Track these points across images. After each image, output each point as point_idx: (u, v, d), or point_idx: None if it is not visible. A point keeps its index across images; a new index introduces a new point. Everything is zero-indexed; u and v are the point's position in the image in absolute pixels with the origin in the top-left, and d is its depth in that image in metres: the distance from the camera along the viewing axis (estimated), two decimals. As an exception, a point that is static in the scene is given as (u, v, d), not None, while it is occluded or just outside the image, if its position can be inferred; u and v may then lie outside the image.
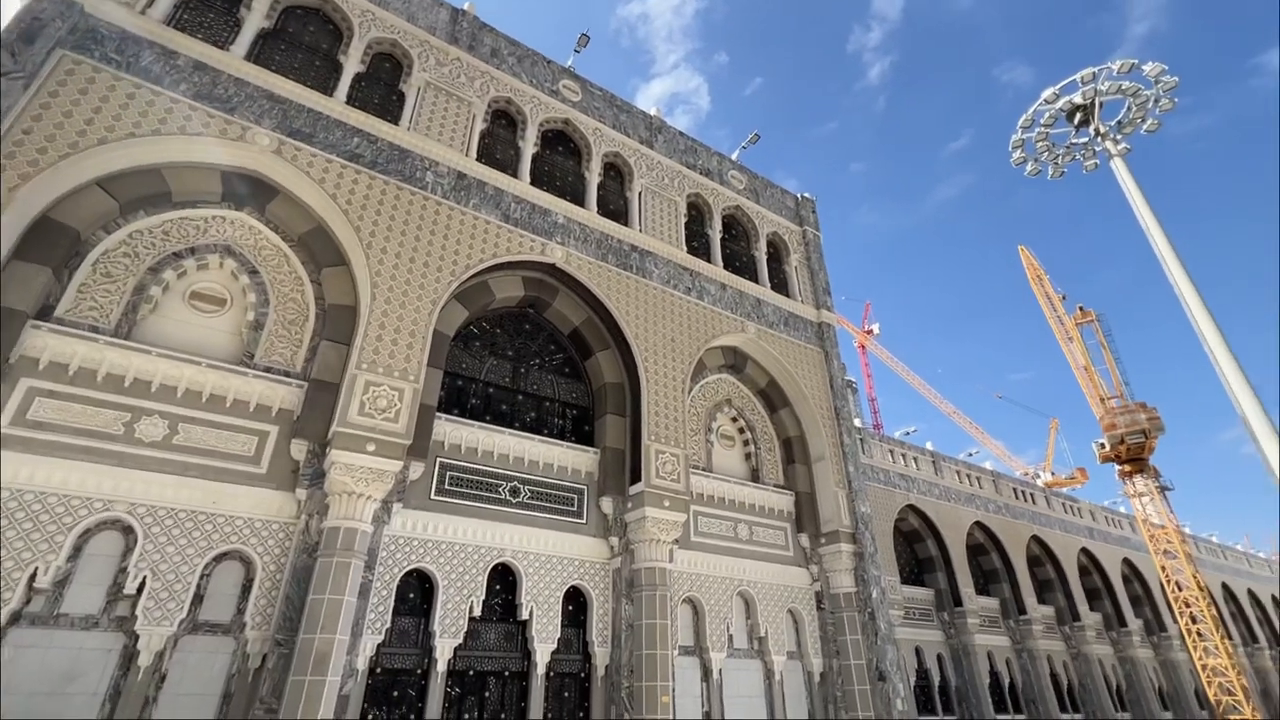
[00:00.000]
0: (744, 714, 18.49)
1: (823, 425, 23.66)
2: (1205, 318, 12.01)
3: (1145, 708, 43.11)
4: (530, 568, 16.37)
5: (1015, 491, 45.22)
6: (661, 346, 20.18)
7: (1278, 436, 10.77)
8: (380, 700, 13.77)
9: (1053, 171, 16.33)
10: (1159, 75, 14.48)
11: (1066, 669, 40.86)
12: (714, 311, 22.67)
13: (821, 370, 25.18)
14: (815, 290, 27.61)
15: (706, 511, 20.55)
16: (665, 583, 16.83)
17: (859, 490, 23.00)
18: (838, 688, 19.93)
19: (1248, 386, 11.29)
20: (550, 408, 19.80)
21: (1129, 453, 46.62)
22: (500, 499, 16.75)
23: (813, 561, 21.87)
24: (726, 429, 23.37)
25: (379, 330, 14.74)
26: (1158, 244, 12.97)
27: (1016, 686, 37.62)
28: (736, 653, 19.27)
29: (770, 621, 19.97)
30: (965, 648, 35.57)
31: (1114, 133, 14.82)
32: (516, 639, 15.96)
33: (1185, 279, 12.53)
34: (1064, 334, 50.06)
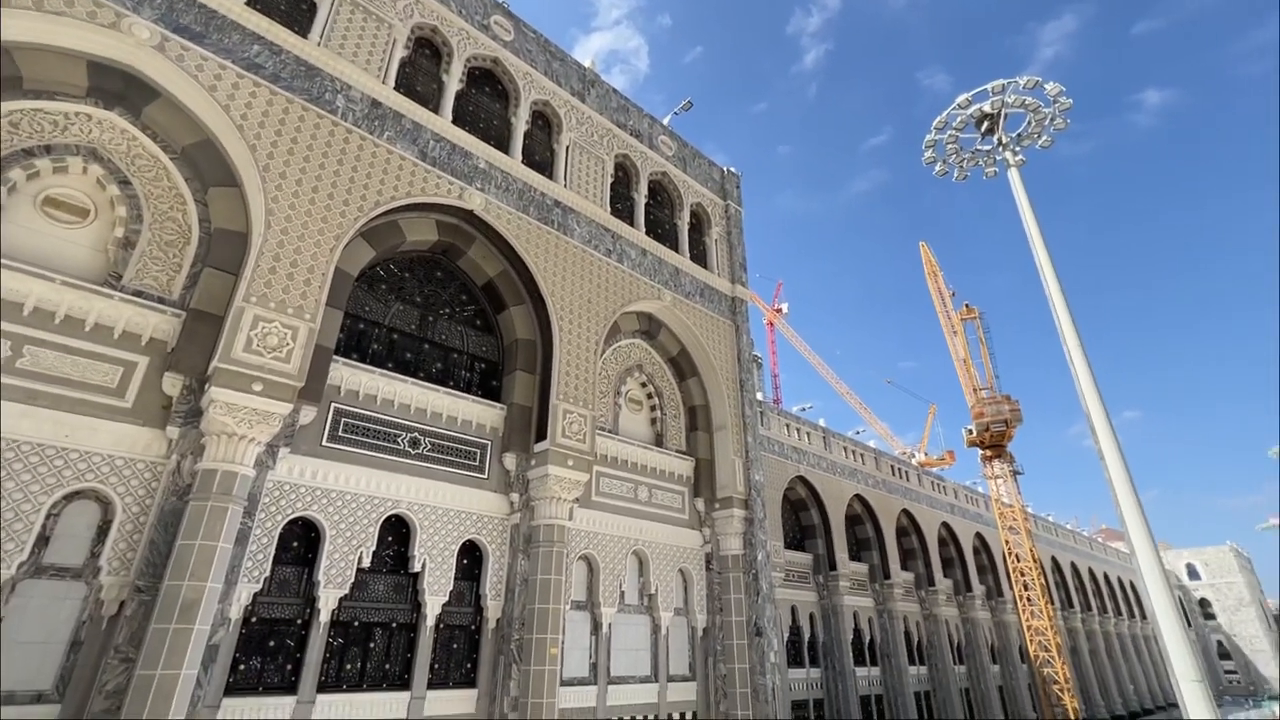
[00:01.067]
0: (630, 665, 19.30)
1: (727, 396, 24.51)
2: (1068, 322, 13.42)
3: (978, 661, 49.06)
4: (426, 520, 16.05)
5: (892, 469, 49.19)
6: (577, 306, 20.01)
7: (1113, 433, 12.33)
8: (255, 650, 13.18)
9: (958, 174, 17.42)
10: (1057, 95, 15.71)
11: (919, 628, 45.60)
12: (633, 276, 22.68)
13: (731, 343, 25.96)
14: (732, 265, 28.22)
15: (609, 473, 20.89)
16: (563, 540, 17.06)
17: (755, 460, 24.16)
18: (719, 641, 21.19)
19: (1094, 387, 12.79)
20: (458, 360, 19.22)
21: (991, 439, 51.85)
22: (399, 450, 16.20)
23: (706, 525, 22.88)
24: (635, 394, 23.69)
25: (273, 262, 13.61)
26: (1038, 252, 14.26)
27: (875, 642, 41.60)
28: (627, 608, 19.96)
29: (661, 580, 20.80)
30: (835, 608, 38.78)
31: (1013, 144, 16.00)
32: (407, 591, 15.70)
33: (1056, 285, 13.90)
34: (949, 327, 54.32)
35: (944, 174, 17.66)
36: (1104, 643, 71.48)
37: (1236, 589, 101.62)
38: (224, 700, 12.22)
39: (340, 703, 13.67)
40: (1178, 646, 10.56)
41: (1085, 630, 67.40)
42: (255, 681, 13.01)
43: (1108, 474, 12.00)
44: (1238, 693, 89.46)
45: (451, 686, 15.61)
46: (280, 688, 13.17)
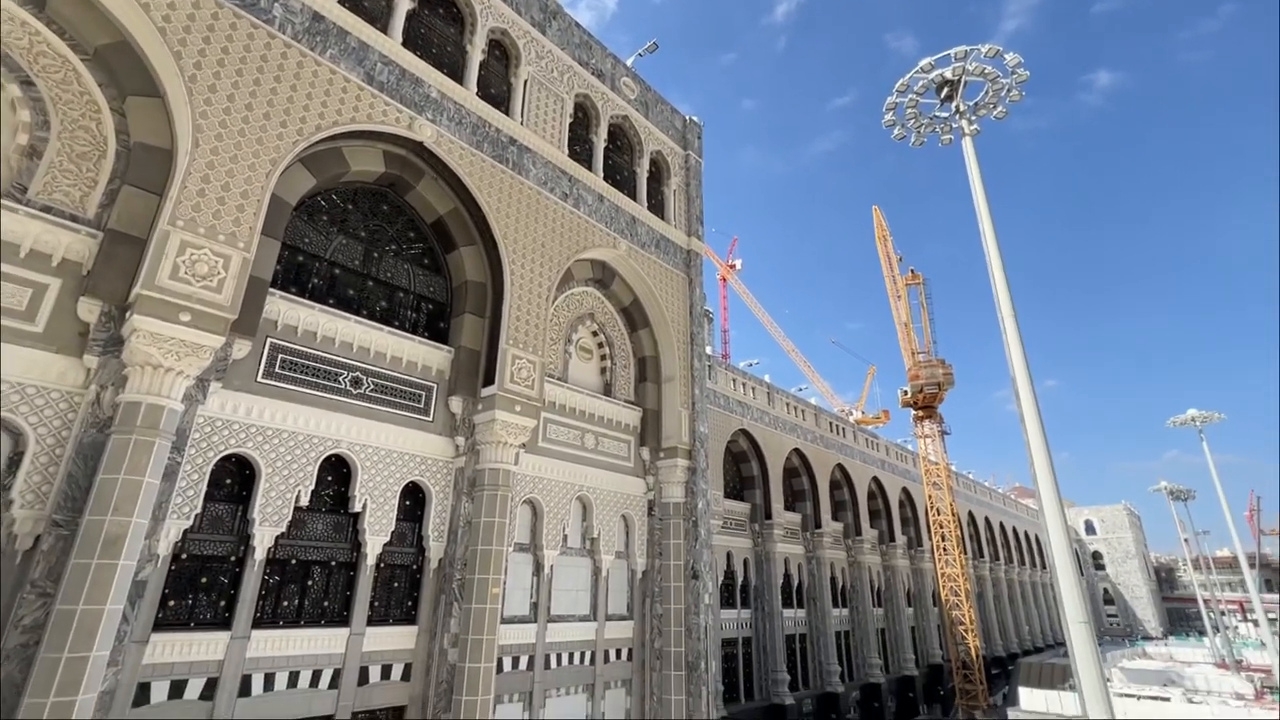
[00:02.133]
0: (570, 605, 19.90)
1: (678, 349, 24.74)
2: (1004, 292, 14.02)
3: (895, 604, 52.85)
4: (368, 461, 15.81)
5: (831, 425, 51.22)
6: (531, 250, 19.56)
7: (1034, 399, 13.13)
8: (186, 587, 12.90)
9: (915, 139, 17.60)
10: (1016, 66, 15.92)
11: (844, 573, 48.59)
12: (588, 223, 22.25)
13: (684, 296, 26.04)
14: (689, 217, 28.03)
15: (557, 419, 20.97)
16: (508, 484, 17.16)
17: (701, 412, 24.67)
18: (656, 583, 22.03)
19: (1023, 356, 13.52)
20: (404, 299, 18.62)
21: (924, 400, 54.47)
22: (340, 389, 15.75)
23: (650, 473, 23.40)
24: (586, 342, 23.62)
25: (202, 184, 12.67)
26: (982, 221, 14.71)
27: (803, 587, 44.18)
28: (569, 551, 20.43)
29: (604, 524, 21.30)
30: (768, 554, 40.80)
31: (970, 113, 16.21)
32: (347, 530, 15.57)
33: (996, 256, 14.44)
34: (894, 292, 55.94)
35: (902, 138, 17.80)
36: (1007, 589, 78.06)
37: (1125, 543, 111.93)
38: (153, 636, 11.99)
39: (277, 638, 13.63)
40: (1071, 592, 11.61)
41: (991, 578, 73.35)
42: (187, 617, 12.79)
43: (1026, 437, 12.82)
44: (1117, 634, 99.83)
45: (392, 623, 15.76)
46: (214, 624, 13.00)
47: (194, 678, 12.41)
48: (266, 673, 13.38)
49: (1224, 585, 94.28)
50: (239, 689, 12.87)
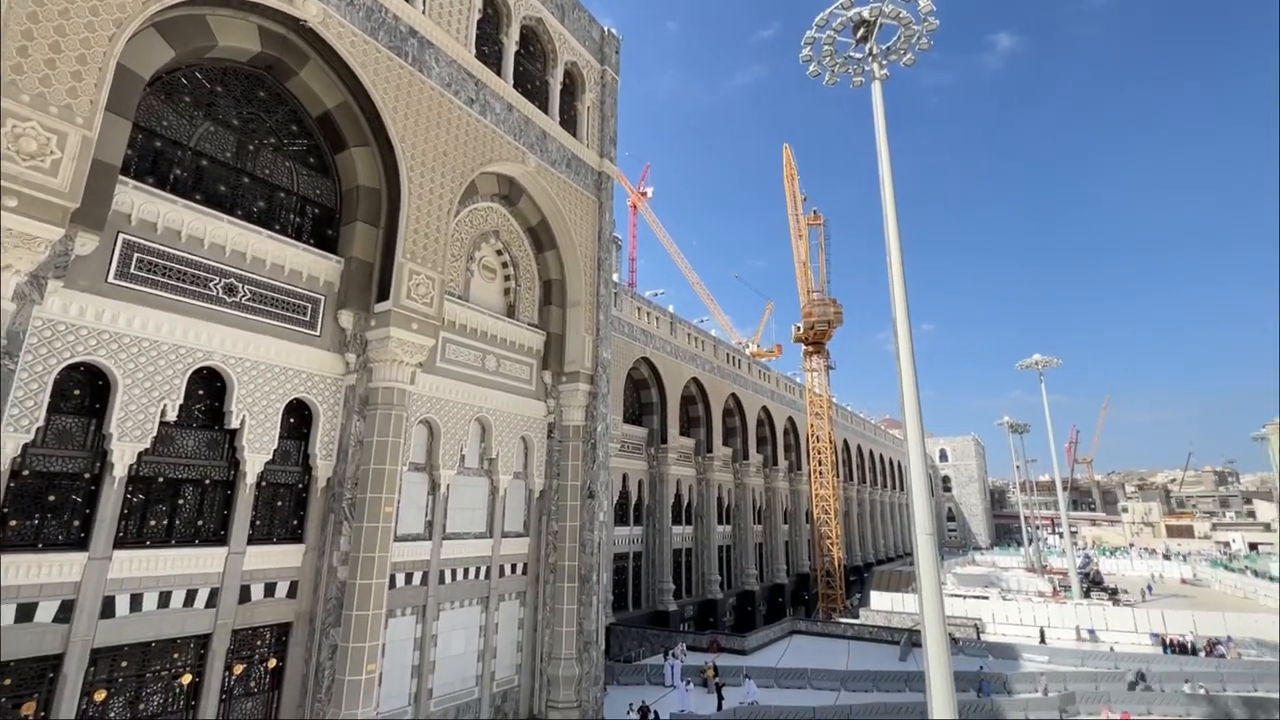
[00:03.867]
0: (466, 524, 20.09)
1: (584, 273, 24.45)
2: (895, 237, 14.90)
3: (773, 521, 57.72)
4: (246, 375, 14.72)
5: (728, 357, 53.38)
6: (432, 158, 18.24)
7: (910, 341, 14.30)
8: (30, 506, 11.71)
9: (829, 78, 17.77)
10: (928, 14, 16.28)
11: (730, 494, 52.17)
12: (496, 133, 20.97)
13: (593, 220, 25.52)
14: (603, 138, 27.09)
15: (457, 340, 20.37)
16: (403, 403, 16.66)
17: (605, 338, 24.82)
18: (553, 502, 22.64)
19: (904, 300, 14.58)
20: (286, 201, 16.93)
21: (815, 337, 57.82)
22: (211, 296, 14.33)
23: (551, 396, 23.52)
24: (490, 261, 22.78)
25: (23, 40, 10.60)
26: (882, 167, 15.36)
27: (693, 506, 47.11)
28: (467, 471, 20.41)
29: (503, 445, 21.36)
30: (662, 476, 42.87)
31: (882, 56, 16.53)
32: (222, 447, 14.62)
33: (891, 201, 15.22)
34: (796, 231, 57.78)
35: (817, 75, 17.92)
36: (870, 508, 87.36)
37: (970, 470, 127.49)
38: (-8, 557, 10.89)
39: (144, 559, 12.82)
40: (921, 511, 13.19)
41: (858, 498, 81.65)
42: (33, 537, 11.69)
43: (900, 374, 14.04)
44: (955, 545, 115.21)
45: (276, 542, 15.26)
46: (67, 544, 11.98)
47: (45, 600, 11.51)
48: (133, 593, 12.65)
49: (1042, 505, 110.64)
50: (101, 610, 12.11)
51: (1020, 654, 33.16)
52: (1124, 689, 26.49)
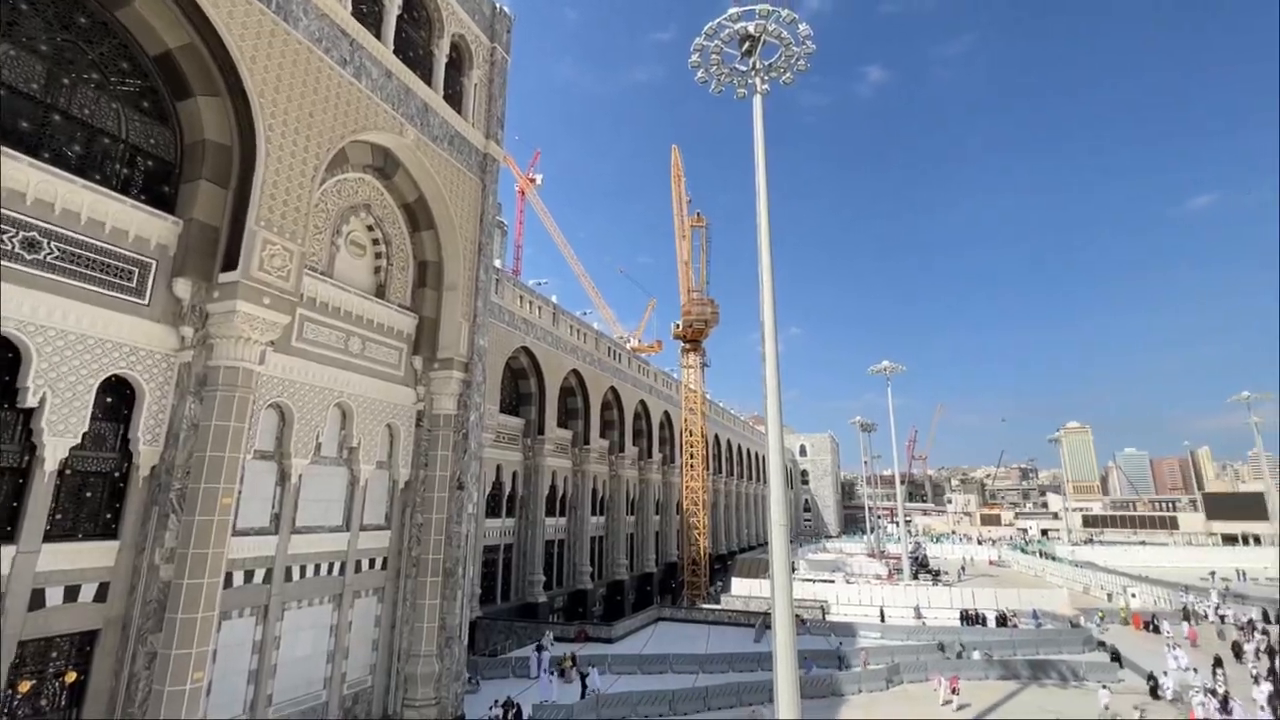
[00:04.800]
0: (321, 516, 18.69)
1: (464, 257, 23.55)
2: (766, 244, 15.81)
3: (645, 512, 59.20)
4: (49, 346, 12.65)
5: (609, 350, 53.88)
6: (296, 117, 16.66)
7: (775, 342, 15.26)
8: None
9: (715, 86, 18.46)
10: (806, 37, 17.40)
11: (605, 485, 52.79)
12: (371, 100, 19.57)
13: (476, 202, 24.64)
14: (489, 118, 26.20)
15: (318, 318, 18.84)
16: (249, 385, 15.11)
17: (482, 325, 24.10)
18: (420, 494, 21.66)
19: (772, 304, 15.52)
20: (111, 148, 14.72)
21: (693, 335, 59.89)
22: (4, 251, 12.15)
23: (422, 383, 22.46)
24: (359, 236, 21.28)
25: None
26: (758, 177, 16.22)
27: (567, 497, 47.14)
28: (323, 460, 18.98)
29: (366, 433, 20.10)
30: (537, 467, 42.46)
31: (764, 71, 17.44)
32: (14, 429, 12.48)
33: (765, 211, 16.12)
34: (680, 231, 59.43)
35: (704, 81, 18.54)
36: (737, 500, 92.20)
37: (825, 464, 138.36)
38: None
39: (-103, 560, 10.65)
40: (777, 502, 14.15)
41: (726, 490, 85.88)
42: None
43: (765, 373, 14.93)
44: (809, 534, 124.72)
45: (82, 538, 13.28)
46: None
47: None
48: (-120, 602, 10.47)
49: (885, 496, 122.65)
50: None
51: (858, 631, 36.61)
52: (940, 658, 30.11)
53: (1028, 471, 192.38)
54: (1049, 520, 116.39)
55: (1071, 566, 65.17)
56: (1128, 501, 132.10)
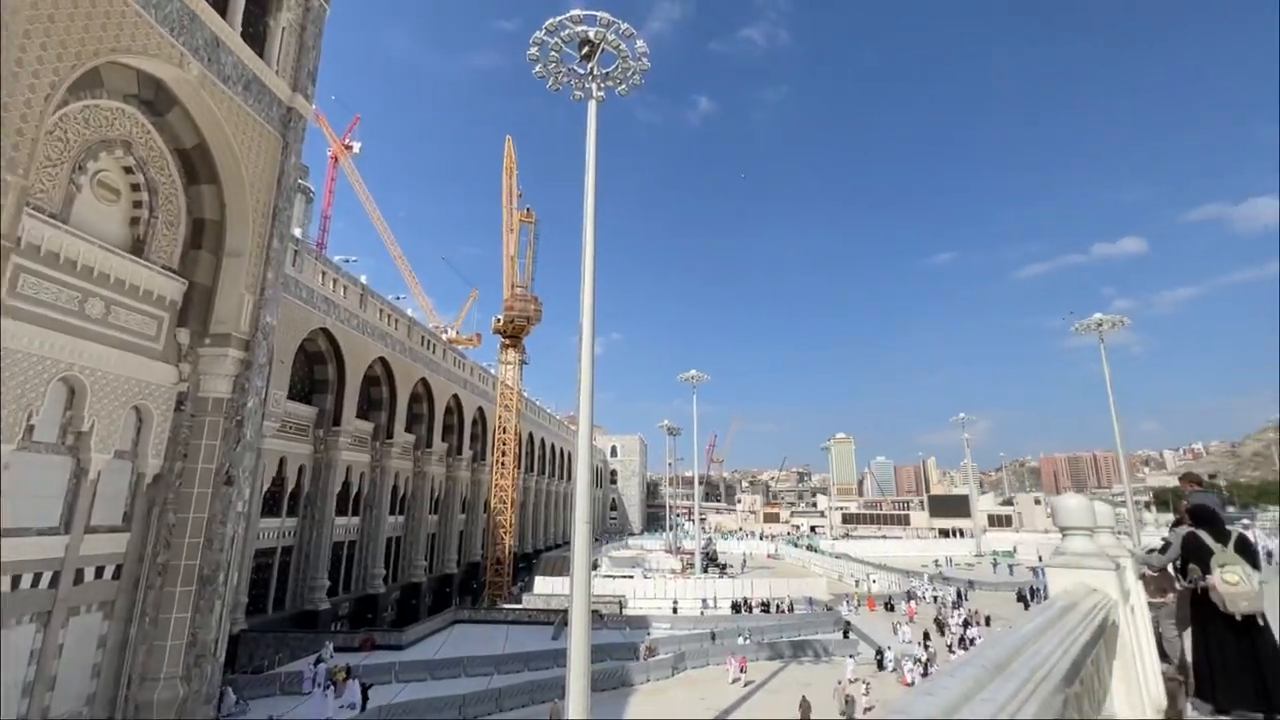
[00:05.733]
0: (29, 516, 15.11)
1: (254, 220, 20.68)
2: (590, 247, 16.11)
3: (450, 511, 56.81)
4: None
5: (423, 339, 50.89)
6: (29, 17, 13.34)
7: (592, 345, 15.60)
8: None
9: (552, 83, 18.40)
10: (642, 55, 18.10)
11: (408, 483, 49.63)
12: (141, 18, 16.37)
13: (274, 160, 21.79)
14: (300, 69, 23.36)
15: (42, 271, 15.26)
16: (-73, 347, 11.75)
17: (272, 300, 21.36)
18: (174, 489, 18.49)
19: (592, 306, 15.85)
20: None
21: (513, 330, 58.80)
22: None
23: (187, 360, 19.26)
24: (112, 178, 17.67)
25: None
26: (588, 181, 16.48)
27: (363, 495, 43.44)
28: (35, 447, 15.39)
29: (103, 415, 16.69)
30: (330, 461, 38.56)
31: (601, 79, 17.79)
32: None
33: (591, 214, 16.42)
34: (509, 224, 58.20)
35: (542, 77, 18.40)
36: (547, 498, 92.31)
37: (634, 465, 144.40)
38: None
39: None
40: (581, 500, 14.45)
41: (537, 488, 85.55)
42: None
43: (579, 374, 15.19)
44: (615, 531, 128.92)
45: None
46: None
47: None
48: None
49: (684, 496, 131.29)
50: None
51: (651, 624, 38.65)
52: (716, 645, 32.90)
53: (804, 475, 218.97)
54: (817, 518, 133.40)
55: (831, 558, 75.32)
56: (877, 502, 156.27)
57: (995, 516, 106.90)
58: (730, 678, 27.71)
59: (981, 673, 1.67)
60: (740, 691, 26.40)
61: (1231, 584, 5.02)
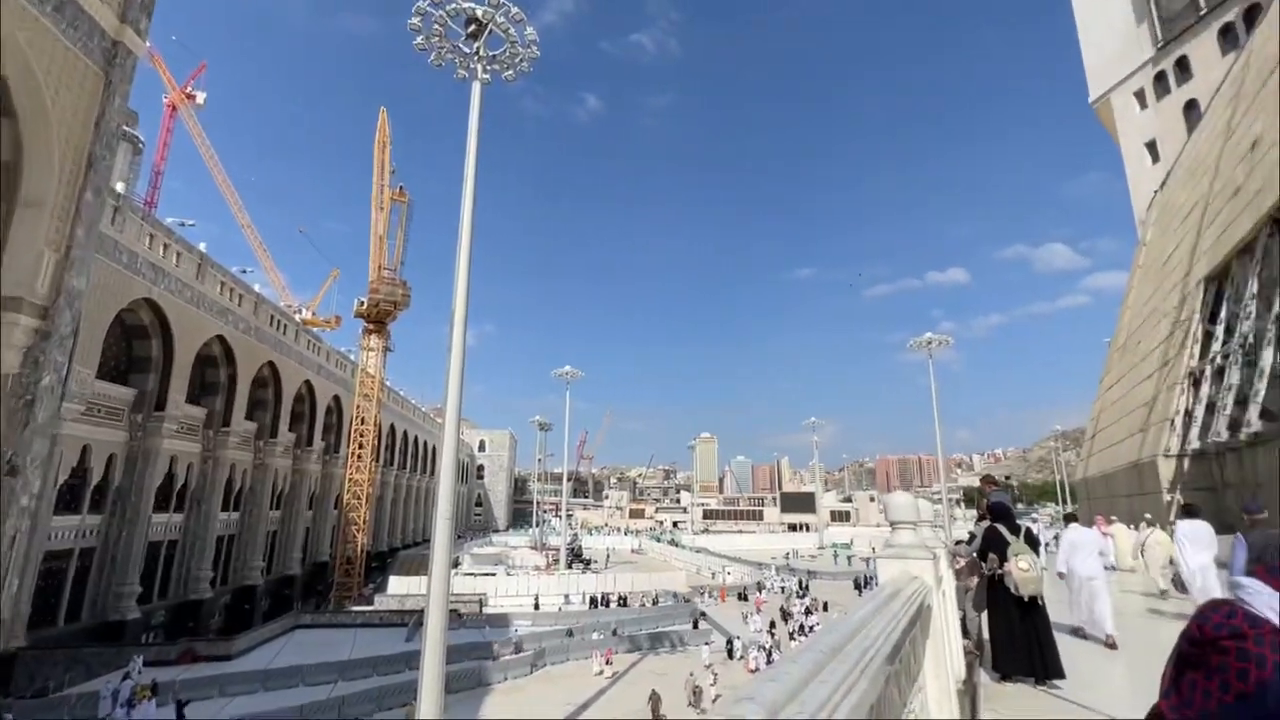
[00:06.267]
0: None
1: (61, 165, 17.63)
2: (467, 235, 15.51)
3: (296, 507, 52.23)
4: None
5: (272, 318, 46.29)
6: None
7: (463, 336, 15.06)
8: None
9: (435, 58, 17.46)
10: (531, 42, 17.72)
11: (247, 475, 44.86)
12: (-86, -96, 13.37)
13: (94, 99, 18.73)
14: (131, -2, 20.26)
15: None
16: None
17: (81, 260, 18.35)
18: (-68, 481, 15.31)
19: (465, 295, 15.28)
20: None
21: (378, 315, 55.16)
22: None
23: (-40, 326, 16.04)
24: None
25: None
26: (468, 164, 15.85)
27: (190, 488, 38.58)
28: None
29: None
30: (149, 451, 33.92)
31: (487, 61, 17.17)
32: None
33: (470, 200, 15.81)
34: (379, 202, 54.54)
35: (424, 50, 17.43)
36: (408, 493, 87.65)
37: (502, 460, 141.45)
38: None
39: None
40: (445, 496, 13.91)
41: (396, 483, 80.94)
42: None
43: (449, 365, 14.61)
44: (479, 528, 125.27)
45: None
46: None
47: None
48: None
49: (553, 492, 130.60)
50: None
51: (512, 621, 38.04)
52: (576, 640, 33.14)
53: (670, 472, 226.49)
54: (680, 514, 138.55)
55: (691, 552, 78.58)
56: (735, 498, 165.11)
57: (836, 512, 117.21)
58: (596, 669, 28.15)
59: (821, 656, 1.83)
60: (600, 684, 26.77)
61: (1024, 570, 5.93)
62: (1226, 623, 1.78)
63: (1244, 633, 1.73)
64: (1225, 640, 1.75)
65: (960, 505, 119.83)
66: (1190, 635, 1.88)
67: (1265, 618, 1.73)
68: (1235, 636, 1.74)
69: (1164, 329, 30.72)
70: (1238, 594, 1.86)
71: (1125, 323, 41.69)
